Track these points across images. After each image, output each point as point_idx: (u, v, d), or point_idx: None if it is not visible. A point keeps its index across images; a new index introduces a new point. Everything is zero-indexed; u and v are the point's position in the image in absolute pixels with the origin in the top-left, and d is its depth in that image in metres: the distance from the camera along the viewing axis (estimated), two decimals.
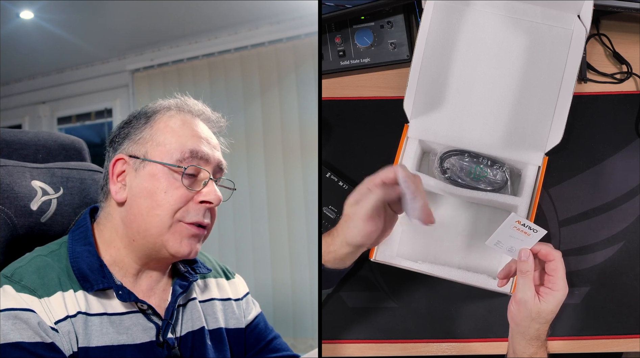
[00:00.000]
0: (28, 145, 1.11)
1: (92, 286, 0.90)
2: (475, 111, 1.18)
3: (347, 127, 1.32)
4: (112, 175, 0.94)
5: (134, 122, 0.97)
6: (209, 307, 1.05)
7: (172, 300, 0.98)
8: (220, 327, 1.04)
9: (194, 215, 0.93)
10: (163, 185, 0.92)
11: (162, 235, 0.92)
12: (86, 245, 0.94)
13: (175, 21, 2.87)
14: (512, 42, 1.17)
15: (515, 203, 1.16)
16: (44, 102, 3.62)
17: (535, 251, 1.03)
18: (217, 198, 0.96)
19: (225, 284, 1.10)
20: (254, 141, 2.91)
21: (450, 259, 1.21)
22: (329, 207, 1.26)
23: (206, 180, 0.95)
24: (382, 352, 1.24)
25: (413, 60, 1.18)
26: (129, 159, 0.94)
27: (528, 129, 1.17)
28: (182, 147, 0.94)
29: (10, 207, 0.99)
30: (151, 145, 0.94)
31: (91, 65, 3.40)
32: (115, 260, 0.94)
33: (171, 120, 0.96)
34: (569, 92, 1.16)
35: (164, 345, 0.94)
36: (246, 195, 2.90)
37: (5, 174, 1.01)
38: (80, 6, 2.61)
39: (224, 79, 3.00)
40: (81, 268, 0.91)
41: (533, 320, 1.02)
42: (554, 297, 1.01)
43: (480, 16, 1.17)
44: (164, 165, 0.92)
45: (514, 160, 1.18)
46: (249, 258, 2.90)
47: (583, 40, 1.15)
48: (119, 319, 0.92)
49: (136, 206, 0.93)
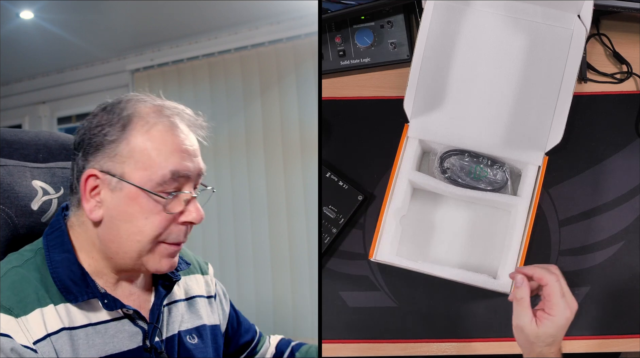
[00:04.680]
0: (29, 145, 1.11)
1: (76, 298, 0.87)
2: (476, 111, 1.18)
3: (347, 127, 1.32)
4: (85, 191, 0.88)
5: (106, 129, 0.87)
6: (192, 305, 1.03)
7: (157, 302, 0.95)
8: (204, 324, 1.03)
9: (175, 237, 0.89)
10: (144, 210, 0.86)
11: (141, 258, 0.89)
12: (65, 253, 0.89)
13: (175, 21, 2.87)
14: (512, 42, 1.17)
15: (515, 203, 1.16)
16: (44, 102, 3.61)
17: (529, 275, 1.01)
18: (199, 217, 0.90)
19: (202, 280, 1.08)
20: (254, 141, 2.91)
21: (450, 259, 1.21)
22: (329, 207, 1.26)
23: (188, 198, 0.89)
24: (382, 352, 1.24)
25: (413, 59, 1.18)
26: (102, 176, 0.87)
27: (528, 129, 1.17)
28: (162, 169, 0.86)
29: (11, 207, 0.99)
30: (129, 164, 0.86)
31: (91, 65, 3.40)
32: (95, 270, 0.91)
33: (150, 132, 0.87)
34: (569, 92, 1.16)
35: (151, 349, 0.92)
36: (246, 195, 2.90)
37: (6, 174, 1.01)
38: (80, 6, 2.61)
39: (224, 79, 3.00)
40: (62, 279, 0.87)
41: (533, 344, 1.00)
42: (552, 322, 0.98)
43: (480, 16, 1.17)
44: (143, 190, 0.86)
45: (514, 160, 1.18)
46: (249, 258, 2.90)
47: (583, 40, 1.15)
48: (104, 328, 0.89)
49: (115, 228, 0.88)
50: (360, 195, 1.26)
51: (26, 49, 3.13)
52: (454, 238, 1.22)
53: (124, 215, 0.87)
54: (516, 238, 1.14)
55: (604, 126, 1.29)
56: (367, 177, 1.30)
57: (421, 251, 1.21)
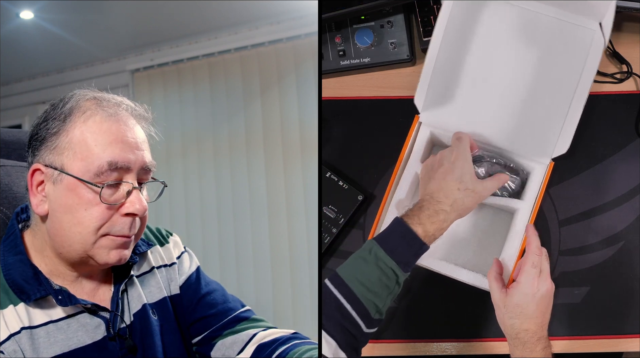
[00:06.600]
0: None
1: (29, 297, 0.86)
2: (486, 111, 1.17)
3: (347, 127, 1.31)
4: (32, 186, 0.88)
5: (49, 123, 0.88)
6: (149, 279, 1.01)
7: (114, 289, 0.95)
8: (164, 296, 1.01)
9: (119, 229, 0.88)
10: (83, 201, 0.86)
11: (87, 251, 0.88)
12: (17, 255, 0.89)
13: (175, 21, 2.87)
14: (528, 48, 1.15)
15: (519, 207, 1.15)
16: (44, 102, 3.61)
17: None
18: (141, 208, 0.89)
19: (161, 251, 1.05)
20: (254, 141, 2.91)
21: (449, 256, 1.21)
22: (329, 207, 1.26)
23: (129, 189, 0.88)
24: (382, 352, 1.24)
25: (427, 55, 1.16)
26: (46, 169, 0.87)
27: (537, 135, 1.15)
28: (99, 160, 0.86)
29: (9, 207, 0.99)
30: (67, 156, 0.86)
31: (91, 65, 3.39)
32: (52, 269, 0.90)
33: (88, 122, 0.88)
34: (581, 102, 1.14)
35: (116, 338, 0.91)
36: (246, 195, 2.90)
37: (4, 174, 1.01)
38: (80, 6, 2.61)
39: (224, 79, 3.00)
40: (15, 279, 0.87)
41: (504, 316, 1.06)
42: (517, 290, 1.05)
43: (499, 15, 1.15)
44: (81, 181, 0.86)
45: (519, 163, 1.17)
46: (249, 258, 2.90)
47: (601, 51, 1.12)
48: (66, 324, 0.88)
49: (57, 221, 0.87)
50: (360, 195, 1.26)
51: (26, 49, 3.13)
52: (455, 236, 1.21)
53: (64, 207, 0.87)
54: (516, 241, 1.13)
55: (604, 126, 1.28)
56: (367, 177, 1.29)
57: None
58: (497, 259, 1.12)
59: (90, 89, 0.94)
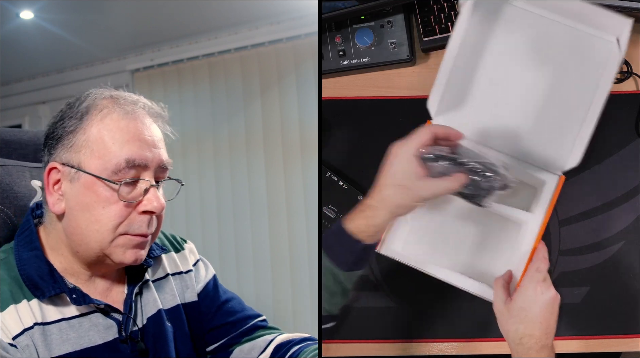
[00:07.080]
0: (28, 145, 1.11)
1: (43, 293, 0.87)
2: (499, 120, 1.15)
3: (347, 127, 1.31)
4: (48, 184, 0.88)
5: (66, 122, 0.89)
6: (163, 285, 1.01)
7: (128, 292, 0.95)
8: (178, 304, 1.02)
9: (137, 227, 0.88)
10: (100, 199, 0.86)
11: (104, 249, 0.88)
12: (33, 250, 0.89)
13: (175, 21, 2.87)
14: (546, 54, 1.13)
15: (527, 220, 1.13)
16: (44, 102, 3.62)
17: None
18: (159, 206, 0.90)
19: (176, 258, 1.06)
20: (254, 141, 2.92)
21: (454, 263, 1.19)
22: (329, 206, 1.26)
23: (147, 187, 0.89)
24: (382, 352, 1.24)
25: (443, 60, 1.14)
26: (62, 168, 0.88)
27: (549, 147, 1.14)
28: (117, 158, 0.86)
29: (10, 207, 0.99)
30: (84, 153, 0.87)
31: (91, 65, 3.40)
32: (66, 267, 0.91)
33: (105, 120, 0.88)
34: (594, 116, 1.12)
35: (127, 340, 0.91)
36: (246, 195, 2.90)
37: (5, 174, 1.01)
38: (80, 6, 2.61)
39: (224, 79, 3.00)
40: (30, 275, 0.87)
41: (507, 322, 1.04)
42: (520, 294, 1.04)
43: (518, 16, 1.14)
44: (99, 179, 0.86)
45: (529, 174, 1.15)
46: (249, 258, 2.90)
47: (616, 67, 1.11)
48: (78, 322, 0.88)
49: (74, 220, 0.88)
50: (360, 195, 1.26)
51: (26, 49, 3.13)
52: (461, 243, 1.20)
53: (82, 205, 0.87)
54: (522, 254, 1.11)
55: (604, 126, 1.28)
56: (367, 177, 1.29)
57: (426, 251, 1.20)
58: (510, 271, 1.10)
59: (107, 88, 0.94)
